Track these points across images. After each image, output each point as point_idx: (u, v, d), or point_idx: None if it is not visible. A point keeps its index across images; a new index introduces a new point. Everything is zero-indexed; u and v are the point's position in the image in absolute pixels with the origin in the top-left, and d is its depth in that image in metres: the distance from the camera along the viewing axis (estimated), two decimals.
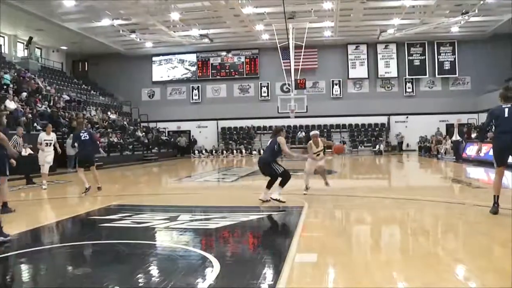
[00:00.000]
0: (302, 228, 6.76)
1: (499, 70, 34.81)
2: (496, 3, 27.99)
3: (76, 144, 12.10)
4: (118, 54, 39.71)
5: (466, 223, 7.43)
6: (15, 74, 26.73)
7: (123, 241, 6.23)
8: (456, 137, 24.34)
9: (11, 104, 21.37)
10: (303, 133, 36.97)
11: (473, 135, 27.65)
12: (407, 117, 37.08)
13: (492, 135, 8.03)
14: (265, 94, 40.04)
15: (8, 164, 8.46)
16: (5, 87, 23.74)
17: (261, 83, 40.24)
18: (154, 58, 41.55)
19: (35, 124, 21.94)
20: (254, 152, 36.78)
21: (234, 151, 37.21)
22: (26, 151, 17.87)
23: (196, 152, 38.00)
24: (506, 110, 7.54)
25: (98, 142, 11.85)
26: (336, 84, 39.18)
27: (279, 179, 9.21)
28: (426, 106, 36.77)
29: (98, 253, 5.71)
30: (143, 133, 35.28)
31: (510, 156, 7.70)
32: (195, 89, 41.15)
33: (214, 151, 37.90)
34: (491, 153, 8.20)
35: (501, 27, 33.16)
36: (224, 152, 37.31)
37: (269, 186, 9.33)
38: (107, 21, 30.42)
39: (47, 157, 13.25)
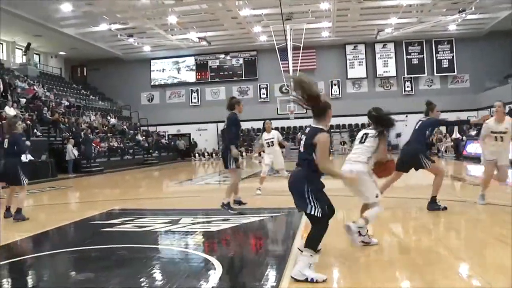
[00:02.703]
0: (304, 228, 6.76)
1: (497, 67, 34.89)
2: (492, 1, 28.04)
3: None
4: (116, 59, 39.74)
5: (467, 221, 7.43)
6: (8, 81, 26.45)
7: (125, 245, 6.24)
8: (456, 135, 24.33)
9: (10, 111, 21.38)
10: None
11: (473, 133, 27.63)
12: (406, 116, 36.99)
13: None
14: (264, 96, 40.06)
15: (24, 173, 8.69)
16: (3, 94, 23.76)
17: (260, 85, 40.26)
18: (152, 62, 41.56)
19: (35, 130, 21.95)
20: (255, 154, 36.73)
21: None
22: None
23: (197, 155, 37.97)
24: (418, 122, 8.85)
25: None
26: (335, 85, 39.20)
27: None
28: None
29: (100, 258, 5.71)
30: (143, 137, 35.26)
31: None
32: (194, 92, 41.16)
33: (214, 154, 37.87)
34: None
35: (498, 24, 33.23)
36: None
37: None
38: (105, 25, 30.42)
39: (275, 157, 11.51)
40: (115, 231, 7.37)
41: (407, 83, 38.85)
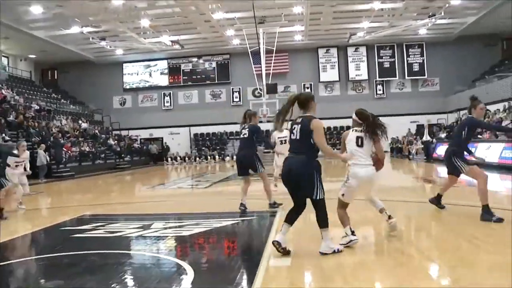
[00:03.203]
0: (276, 232, 6.78)
1: (466, 71, 35.61)
2: (460, 6, 28.60)
3: None
4: (88, 62, 39.26)
5: (438, 222, 7.54)
6: None
7: (96, 251, 6.17)
8: (426, 137, 24.70)
9: None
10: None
11: (442, 135, 28.09)
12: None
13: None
14: (237, 99, 40.02)
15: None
16: None
17: (232, 88, 40.23)
18: (124, 65, 41.18)
19: (3, 135, 21.55)
20: (227, 158, 36.71)
21: (208, 157, 37.10)
22: None
23: (169, 159, 37.75)
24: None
25: None
26: (307, 88, 39.35)
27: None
28: (397, 107, 37.13)
29: (71, 265, 5.62)
30: (115, 141, 34.92)
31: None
32: (167, 96, 40.92)
33: (187, 158, 37.71)
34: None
35: (466, 29, 33.94)
36: (197, 158, 37.18)
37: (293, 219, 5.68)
38: (76, 28, 30.05)
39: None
40: (86, 237, 7.29)
41: (379, 86, 39.30)
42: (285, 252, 5.41)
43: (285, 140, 11.59)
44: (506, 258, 4.95)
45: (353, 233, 5.83)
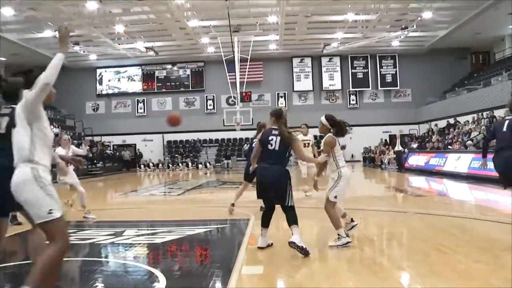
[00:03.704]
0: (249, 240, 6.79)
1: (437, 83, 36.22)
2: (432, 20, 29.14)
3: None
4: (61, 66, 38.67)
5: (409, 232, 7.64)
6: None
7: (67, 258, 6.07)
8: (398, 147, 25.00)
9: None
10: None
11: (414, 145, 28.47)
12: (351, 129, 37.39)
13: None
14: (211, 107, 39.97)
15: None
16: None
17: (206, 96, 40.15)
18: (98, 71, 40.79)
19: None
20: (200, 166, 36.60)
21: (180, 164, 36.91)
22: None
23: (142, 166, 37.45)
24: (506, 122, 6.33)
25: None
26: (281, 97, 39.59)
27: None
28: (370, 117, 37.56)
29: None
30: (88, 147, 34.44)
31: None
32: (140, 102, 40.63)
33: (160, 165, 37.46)
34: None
35: (437, 42, 34.67)
36: (170, 165, 36.96)
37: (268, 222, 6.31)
38: (49, 32, 29.60)
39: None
40: None
41: (352, 97, 39.69)
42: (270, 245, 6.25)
43: (308, 144, 12.05)
44: (474, 266, 5.06)
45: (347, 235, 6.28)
